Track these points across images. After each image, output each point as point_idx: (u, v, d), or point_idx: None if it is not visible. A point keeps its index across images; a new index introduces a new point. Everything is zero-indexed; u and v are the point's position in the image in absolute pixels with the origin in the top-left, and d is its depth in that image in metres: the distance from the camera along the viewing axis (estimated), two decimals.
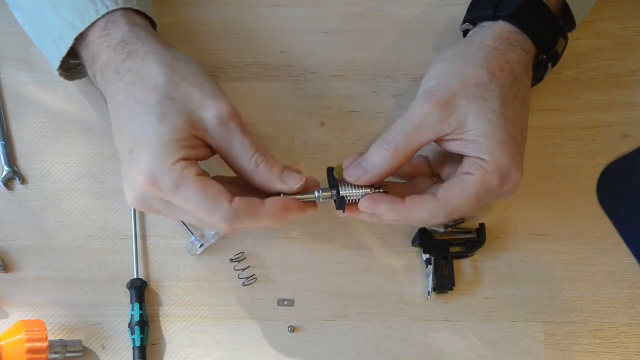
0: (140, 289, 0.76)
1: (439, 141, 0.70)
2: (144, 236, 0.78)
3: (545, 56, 0.73)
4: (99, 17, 0.67)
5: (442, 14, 0.82)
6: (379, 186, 0.70)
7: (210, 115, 0.65)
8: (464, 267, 0.78)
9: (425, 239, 0.76)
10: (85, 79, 0.75)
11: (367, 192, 0.69)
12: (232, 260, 0.77)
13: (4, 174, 0.78)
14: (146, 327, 0.75)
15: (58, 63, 0.70)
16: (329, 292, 0.77)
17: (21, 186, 0.78)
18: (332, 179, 0.70)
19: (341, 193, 0.69)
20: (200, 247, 0.76)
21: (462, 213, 0.69)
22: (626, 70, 0.82)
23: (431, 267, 0.76)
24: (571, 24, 0.75)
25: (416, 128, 0.68)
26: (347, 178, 0.69)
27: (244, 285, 0.77)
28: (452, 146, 0.69)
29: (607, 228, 0.79)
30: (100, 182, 0.78)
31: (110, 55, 0.67)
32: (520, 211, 0.79)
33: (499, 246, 0.78)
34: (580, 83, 0.81)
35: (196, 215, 0.64)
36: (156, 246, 0.78)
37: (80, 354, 0.74)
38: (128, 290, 0.76)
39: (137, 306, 0.75)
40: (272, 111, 0.80)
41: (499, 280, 0.78)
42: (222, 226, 0.65)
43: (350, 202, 0.70)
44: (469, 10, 0.75)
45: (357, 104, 0.81)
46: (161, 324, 0.76)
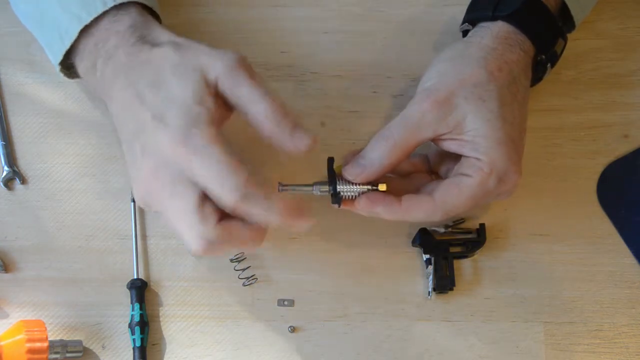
0: (140, 289, 0.76)
1: (436, 140, 0.70)
2: (144, 236, 0.78)
3: (544, 56, 0.73)
4: (105, 9, 0.67)
5: (442, 14, 0.82)
6: (376, 182, 0.70)
7: (219, 65, 0.64)
8: (464, 267, 0.78)
9: (425, 239, 0.76)
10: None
11: (364, 189, 0.70)
12: (232, 260, 0.77)
13: (4, 174, 0.77)
14: (146, 327, 0.75)
15: (60, 57, 0.70)
16: (329, 292, 0.77)
17: (21, 186, 0.78)
18: (331, 172, 0.70)
19: (338, 189, 0.69)
20: None
21: (458, 213, 0.70)
22: (626, 70, 0.82)
23: (431, 267, 0.76)
24: (570, 24, 0.75)
25: (414, 125, 0.68)
26: (345, 175, 0.70)
27: (244, 285, 0.77)
28: (450, 145, 0.69)
29: (607, 228, 0.79)
30: (100, 182, 0.78)
31: (119, 40, 0.67)
32: (520, 211, 0.79)
33: (499, 246, 0.78)
34: (579, 83, 0.81)
35: (213, 179, 0.62)
36: (156, 246, 0.77)
37: (80, 354, 0.74)
38: (128, 290, 0.76)
39: (137, 306, 0.75)
40: None
41: (499, 280, 0.78)
42: (231, 199, 0.61)
43: (347, 198, 0.70)
44: (468, 11, 0.75)
45: (357, 104, 0.81)
46: (161, 324, 0.76)
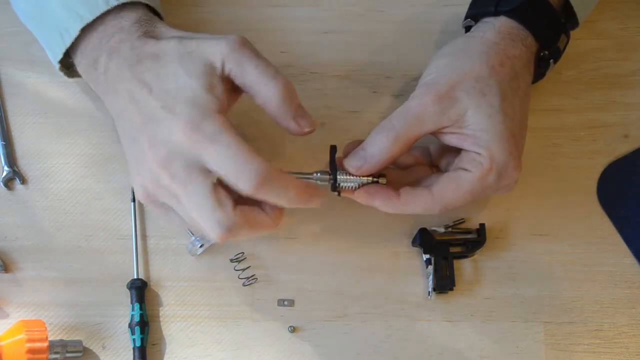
0: (140, 289, 0.76)
1: (437, 133, 0.70)
2: (144, 236, 0.78)
3: (546, 52, 0.73)
4: (109, 8, 0.67)
5: (443, 14, 0.82)
6: (377, 174, 0.70)
7: (223, 48, 0.64)
8: (464, 267, 0.78)
9: (425, 239, 0.76)
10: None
11: (364, 181, 0.70)
12: (232, 260, 0.77)
13: (4, 174, 0.77)
14: (146, 327, 0.75)
15: (60, 55, 0.69)
16: (329, 292, 0.77)
17: (21, 186, 0.78)
18: (333, 161, 0.70)
19: (338, 180, 0.70)
20: (200, 247, 0.76)
21: (457, 207, 0.70)
22: (626, 70, 0.82)
23: (431, 267, 0.76)
24: (574, 21, 0.75)
25: (416, 118, 0.68)
26: (346, 167, 0.70)
27: (244, 285, 0.77)
28: (450, 139, 0.69)
29: (607, 228, 0.79)
30: (100, 182, 0.78)
31: (124, 35, 0.66)
32: (520, 211, 0.79)
33: (499, 246, 0.78)
34: (580, 83, 0.81)
35: (230, 167, 0.61)
36: (156, 246, 0.77)
37: (80, 354, 0.74)
38: (128, 290, 0.76)
39: (137, 306, 0.75)
40: None
41: (499, 280, 0.78)
42: (249, 186, 0.61)
43: (347, 188, 0.70)
44: (470, 6, 0.76)
45: (357, 104, 0.81)
46: (161, 324, 0.76)
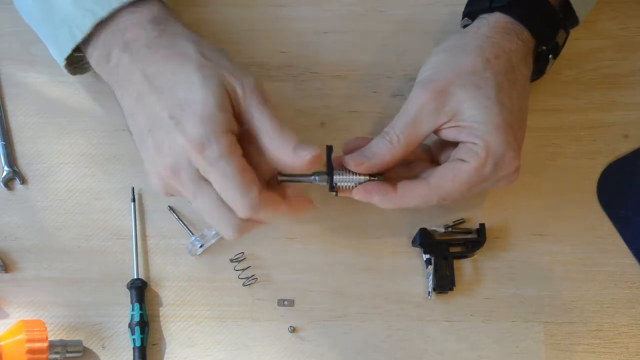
0: (140, 289, 0.76)
1: (437, 131, 0.70)
2: (144, 236, 0.78)
3: (545, 47, 0.73)
4: (122, 5, 0.66)
5: (442, 14, 0.82)
6: (375, 174, 0.70)
7: (239, 83, 0.64)
8: (464, 267, 0.78)
9: (425, 239, 0.76)
10: (86, 75, 0.75)
11: (361, 179, 0.70)
12: (232, 260, 0.77)
13: (4, 174, 0.77)
14: (146, 327, 0.75)
15: (69, 51, 0.69)
16: (329, 292, 0.77)
17: (21, 186, 0.78)
18: (330, 161, 0.70)
19: (336, 179, 0.70)
20: (200, 247, 0.76)
21: (454, 199, 0.70)
22: (626, 70, 0.82)
23: (431, 267, 0.76)
24: (573, 18, 0.75)
25: (414, 120, 0.69)
26: (348, 163, 0.70)
27: (244, 285, 0.77)
28: (448, 133, 0.70)
29: (607, 228, 0.79)
30: (100, 182, 0.78)
31: (140, 31, 0.66)
32: (520, 211, 0.79)
33: (499, 246, 0.78)
34: (580, 83, 0.81)
35: (226, 193, 0.63)
36: (156, 246, 0.77)
37: (80, 354, 0.74)
38: (128, 290, 0.76)
39: (137, 306, 0.75)
40: None
41: (499, 280, 0.78)
42: (242, 213, 0.63)
43: (345, 188, 0.70)
44: (467, 5, 0.76)
45: (357, 104, 0.81)
46: (161, 324, 0.76)
